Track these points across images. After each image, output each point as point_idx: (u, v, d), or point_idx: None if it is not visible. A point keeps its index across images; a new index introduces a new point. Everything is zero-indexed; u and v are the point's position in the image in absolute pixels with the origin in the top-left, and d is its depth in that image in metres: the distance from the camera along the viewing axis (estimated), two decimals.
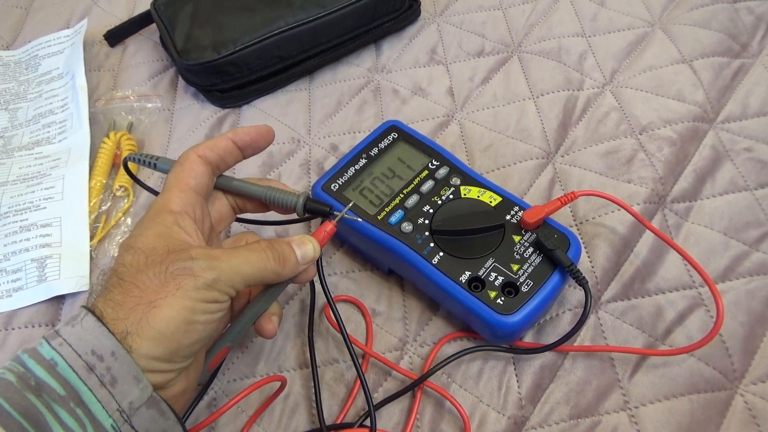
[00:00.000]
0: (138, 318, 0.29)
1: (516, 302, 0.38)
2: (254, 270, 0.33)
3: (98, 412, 0.27)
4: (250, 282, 0.33)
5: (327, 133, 0.55)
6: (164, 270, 0.30)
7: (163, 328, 0.29)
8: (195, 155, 0.36)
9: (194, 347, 0.31)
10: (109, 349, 0.28)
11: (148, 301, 0.29)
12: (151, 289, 0.29)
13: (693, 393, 0.39)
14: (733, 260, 0.44)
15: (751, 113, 0.52)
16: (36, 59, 0.62)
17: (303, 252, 0.35)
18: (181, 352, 0.30)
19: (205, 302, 0.30)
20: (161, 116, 0.58)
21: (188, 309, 0.29)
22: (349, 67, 0.60)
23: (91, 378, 0.27)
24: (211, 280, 0.30)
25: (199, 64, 0.54)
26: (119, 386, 0.28)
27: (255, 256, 0.33)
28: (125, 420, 0.28)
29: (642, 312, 0.42)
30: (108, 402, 0.27)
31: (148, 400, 0.29)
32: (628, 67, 0.56)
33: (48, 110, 0.57)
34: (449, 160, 0.45)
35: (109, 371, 0.28)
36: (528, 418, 0.39)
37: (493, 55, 0.59)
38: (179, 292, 0.29)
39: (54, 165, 0.53)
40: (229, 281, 0.31)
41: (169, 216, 0.33)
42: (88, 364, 0.28)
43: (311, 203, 0.37)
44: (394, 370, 0.41)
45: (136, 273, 0.30)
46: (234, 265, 0.32)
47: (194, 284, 0.30)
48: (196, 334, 0.30)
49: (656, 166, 0.49)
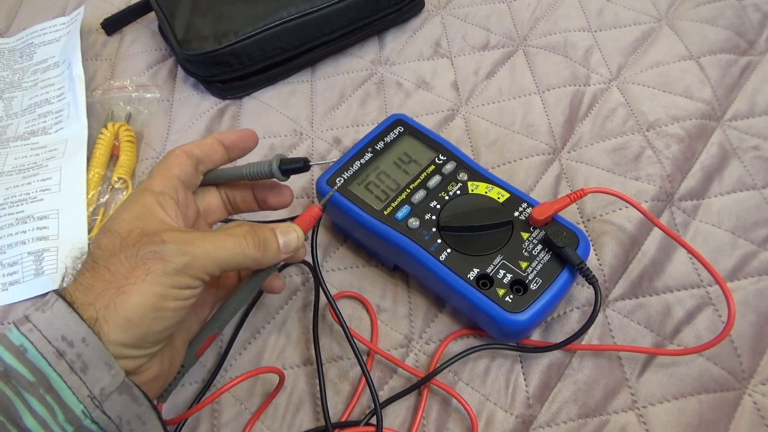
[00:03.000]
0: (106, 303, 0.28)
1: (525, 300, 0.37)
2: (230, 255, 0.32)
3: (68, 398, 0.27)
4: (225, 268, 0.32)
5: (330, 126, 0.54)
6: (135, 253, 0.29)
7: (130, 315, 0.28)
8: (180, 150, 0.36)
9: (164, 333, 0.30)
10: (80, 335, 0.27)
11: (117, 286, 0.28)
12: (121, 274, 0.29)
13: (702, 393, 0.38)
14: (741, 259, 0.44)
15: (759, 111, 0.52)
16: (31, 47, 0.61)
17: (286, 240, 0.34)
18: (149, 338, 0.29)
19: (175, 288, 0.29)
20: (160, 107, 0.57)
21: (157, 295, 0.29)
22: (352, 59, 0.59)
23: (61, 364, 0.27)
24: (181, 265, 0.29)
25: (199, 54, 0.53)
26: (90, 372, 0.27)
27: (232, 241, 0.32)
28: (96, 406, 0.27)
29: (650, 311, 0.42)
30: (78, 388, 0.27)
31: (120, 386, 0.28)
32: (635, 63, 0.56)
33: (44, 99, 0.56)
34: (456, 155, 0.44)
35: (79, 357, 0.27)
36: (536, 417, 0.38)
37: (498, 48, 0.58)
38: (148, 278, 0.28)
39: (50, 156, 0.52)
40: (202, 267, 0.30)
41: (150, 196, 0.33)
42: (58, 350, 0.27)
43: (285, 162, 0.36)
44: (399, 368, 0.41)
45: (109, 256, 0.29)
46: (208, 250, 0.31)
47: (163, 269, 0.29)
48: (165, 320, 0.29)
49: (664, 163, 0.48)
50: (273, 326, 0.43)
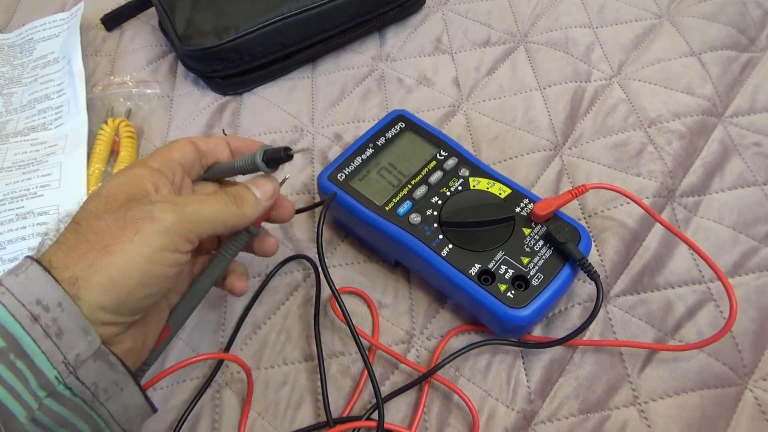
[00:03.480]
0: (89, 263, 0.27)
1: (526, 296, 0.37)
2: (215, 212, 0.32)
3: (42, 363, 0.26)
4: (213, 227, 0.32)
5: (331, 122, 0.54)
6: (123, 215, 0.29)
7: (115, 276, 0.27)
8: (186, 138, 0.36)
9: (145, 301, 0.29)
10: (56, 300, 0.26)
11: (102, 246, 0.28)
12: (108, 234, 0.28)
13: (703, 388, 0.38)
14: (742, 255, 0.44)
15: (760, 108, 0.52)
16: (31, 43, 0.61)
17: (260, 189, 0.34)
18: (129, 305, 0.29)
19: (165, 250, 0.29)
20: (160, 103, 0.56)
21: (145, 258, 0.28)
22: (353, 55, 0.59)
23: (35, 329, 0.26)
24: (171, 223, 0.29)
25: (200, 50, 0.53)
26: (65, 338, 0.26)
27: (213, 199, 0.32)
28: (70, 372, 0.27)
29: (651, 306, 0.42)
30: (53, 353, 0.26)
31: (95, 353, 0.27)
32: (636, 60, 0.56)
33: (44, 95, 0.56)
34: (457, 150, 0.44)
35: (55, 322, 0.26)
36: (537, 412, 0.39)
37: (499, 44, 0.58)
38: (137, 237, 0.28)
39: (50, 152, 0.52)
40: (192, 226, 0.30)
41: (144, 169, 0.32)
42: (32, 314, 0.26)
43: (268, 152, 0.36)
44: (401, 363, 0.41)
45: (94, 218, 0.29)
46: (195, 208, 0.31)
47: (154, 229, 0.28)
48: (149, 287, 0.29)
49: (665, 159, 0.48)
50: (274, 322, 0.43)
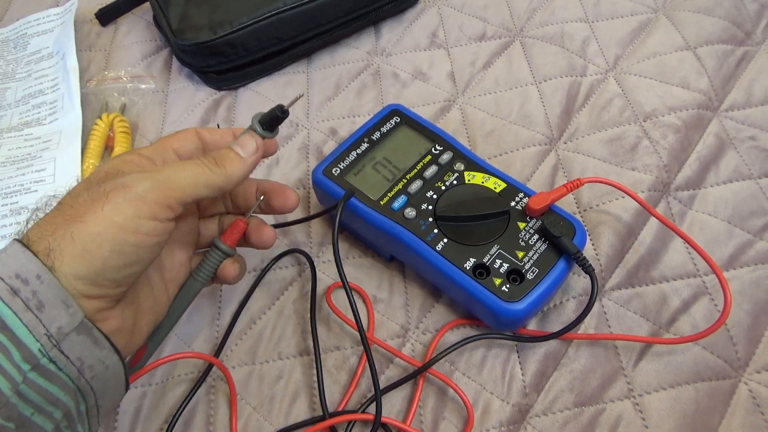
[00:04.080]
0: (62, 233, 0.27)
1: (521, 289, 0.37)
2: (193, 175, 0.31)
3: (24, 336, 0.26)
4: (194, 191, 0.31)
5: (326, 117, 0.54)
6: (97, 189, 0.29)
7: (87, 244, 0.27)
8: (192, 129, 0.36)
9: (124, 271, 0.29)
10: (34, 273, 0.27)
11: (76, 217, 0.28)
12: (83, 207, 0.28)
13: (698, 381, 0.39)
14: (737, 249, 0.44)
15: (756, 102, 0.52)
16: (24, 38, 0.60)
17: (242, 147, 0.34)
18: (107, 275, 0.28)
19: (138, 218, 0.29)
20: (155, 98, 0.56)
21: (118, 226, 0.28)
22: (348, 50, 0.58)
23: (15, 301, 0.26)
24: (144, 190, 0.29)
25: (194, 44, 0.53)
26: (47, 311, 0.27)
27: (191, 163, 0.32)
28: (54, 345, 0.27)
29: (646, 300, 0.42)
30: (35, 326, 0.26)
31: (78, 326, 0.27)
32: (632, 54, 0.56)
33: (38, 90, 0.56)
34: (453, 145, 0.44)
35: (35, 295, 0.26)
36: (532, 405, 0.39)
37: (494, 39, 0.58)
38: (108, 207, 0.28)
39: (45, 147, 0.51)
40: (169, 192, 0.30)
41: (133, 155, 0.33)
42: (11, 287, 0.26)
43: (263, 117, 0.35)
44: (396, 357, 0.41)
45: (75, 196, 0.29)
46: (169, 174, 0.30)
47: (125, 196, 0.28)
48: (124, 256, 0.29)
49: (660, 153, 0.48)
50: (269, 317, 0.43)
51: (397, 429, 0.37)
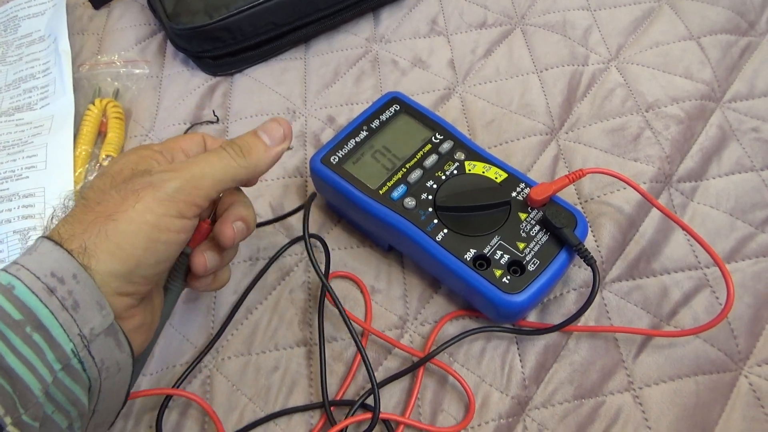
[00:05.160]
0: (96, 231, 0.27)
1: (522, 281, 0.37)
2: (219, 170, 0.31)
3: (59, 335, 0.26)
4: (221, 185, 0.31)
5: (324, 104, 0.53)
6: (125, 187, 0.29)
7: (121, 242, 0.27)
8: (200, 134, 0.35)
9: (156, 268, 0.30)
10: (70, 272, 0.26)
11: (107, 215, 0.28)
12: (112, 205, 0.28)
13: (698, 374, 0.38)
14: (739, 241, 0.43)
15: (758, 93, 0.51)
16: (15, 20, 0.59)
17: (269, 134, 0.33)
18: (141, 271, 0.29)
19: (168, 216, 0.29)
20: (149, 83, 0.55)
21: (149, 224, 0.28)
22: (347, 36, 0.57)
23: (52, 301, 0.26)
24: (172, 190, 0.29)
25: (189, 29, 0.52)
26: (81, 311, 0.26)
27: (215, 156, 0.32)
28: (85, 346, 0.26)
29: (647, 292, 0.41)
30: (70, 326, 0.26)
31: (108, 328, 0.27)
32: (634, 43, 0.55)
33: (29, 74, 0.55)
34: (453, 134, 0.43)
35: (71, 295, 0.26)
36: (531, 398, 0.38)
37: (495, 27, 0.57)
38: (139, 206, 0.28)
39: (36, 132, 0.50)
40: (196, 190, 0.30)
41: (147, 150, 0.32)
42: (48, 286, 0.26)
43: None
44: (395, 348, 0.40)
45: (100, 193, 0.29)
46: (196, 172, 0.30)
47: (154, 196, 0.28)
48: (157, 253, 0.29)
49: (663, 144, 0.48)
50: (265, 307, 0.42)
51: (396, 422, 0.37)
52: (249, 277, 0.43)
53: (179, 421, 0.38)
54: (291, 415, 0.38)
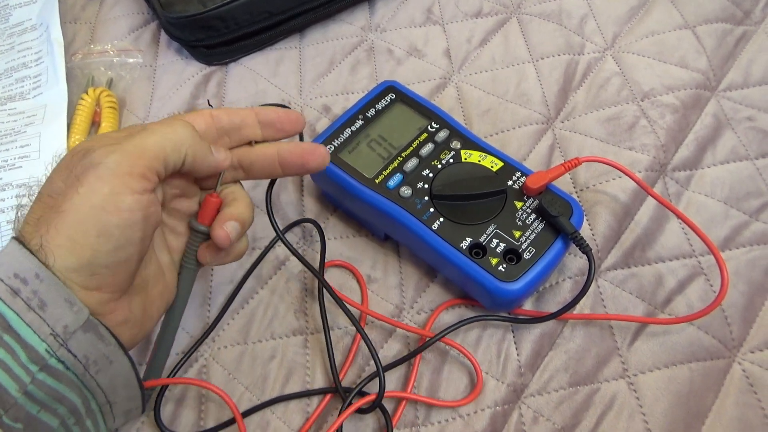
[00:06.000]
0: (47, 227, 0.26)
1: (518, 269, 0.37)
2: (169, 136, 0.29)
3: (29, 336, 0.25)
4: (175, 154, 0.29)
5: (319, 94, 0.52)
6: (69, 173, 0.27)
7: (72, 234, 0.26)
8: (207, 110, 0.34)
9: (117, 255, 0.27)
10: (33, 272, 0.26)
11: (56, 208, 0.27)
12: (60, 195, 0.27)
13: (692, 361, 0.39)
14: (733, 230, 0.43)
15: (753, 82, 0.51)
16: (6, 9, 0.58)
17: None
18: (99, 261, 0.27)
19: (115, 194, 0.27)
20: (143, 72, 0.55)
21: (97, 208, 0.26)
22: (342, 25, 0.57)
23: (16, 302, 0.25)
24: (113, 163, 0.27)
25: (183, 17, 0.51)
26: (49, 310, 0.26)
27: (158, 124, 0.30)
28: (61, 344, 0.26)
29: (642, 280, 0.42)
30: (39, 326, 0.26)
31: (84, 324, 0.27)
32: (630, 32, 0.55)
33: (21, 64, 0.54)
34: (449, 122, 0.43)
35: (36, 295, 0.26)
36: (527, 385, 0.38)
37: (491, 16, 0.57)
38: (82, 190, 0.27)
39: (29, 122, 0.50)
40: (141, 160, 0.28)
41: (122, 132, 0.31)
42: (12, 288, 0.26)
43: None
44: (392, 335, 0.40)
45: (50, 184, 0.28)
46: (138, 141, 0.28)
47: (96, 174, 0.27)
48: (113, 239, 0.27)
49: (658, 133, 0.48)
50: (261, 296, 0.42)
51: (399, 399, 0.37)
52: (245, 266, 0.43)
53: (175, 410, 0.38)
54: (287, 402, 0.38)
